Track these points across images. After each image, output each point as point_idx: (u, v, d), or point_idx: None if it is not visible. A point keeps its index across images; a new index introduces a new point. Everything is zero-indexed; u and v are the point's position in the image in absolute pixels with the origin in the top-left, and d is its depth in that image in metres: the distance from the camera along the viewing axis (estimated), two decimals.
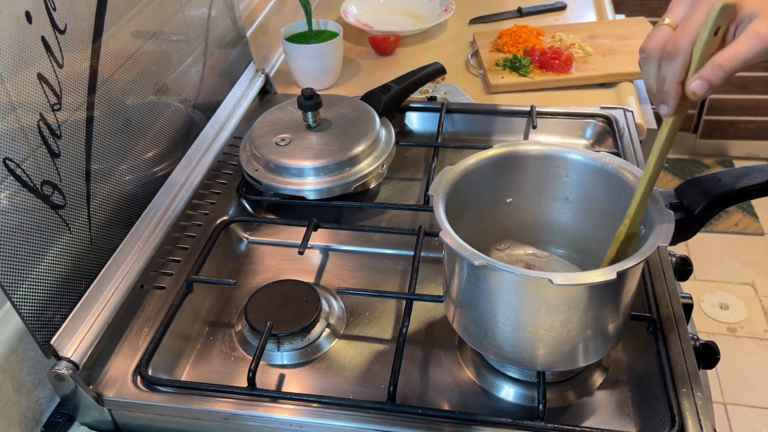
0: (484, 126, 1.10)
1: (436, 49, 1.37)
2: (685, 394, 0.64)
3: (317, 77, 1.21)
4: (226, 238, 0.88)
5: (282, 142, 0.92)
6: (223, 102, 1.05)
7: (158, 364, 0.71)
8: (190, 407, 0.66)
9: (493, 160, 0.72)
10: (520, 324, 0.62)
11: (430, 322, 0.77)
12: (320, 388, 0.71)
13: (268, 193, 0.93)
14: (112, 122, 0.77)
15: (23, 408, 0.66)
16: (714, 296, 2.09)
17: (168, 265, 0.81)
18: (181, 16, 0.93)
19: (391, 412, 0.64)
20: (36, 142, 0.64)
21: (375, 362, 0.73)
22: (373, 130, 0.94)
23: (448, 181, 0.68)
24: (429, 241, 0.84)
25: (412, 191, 0.98)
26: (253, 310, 0.76)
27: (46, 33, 0.65)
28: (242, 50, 1.13)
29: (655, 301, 0.73)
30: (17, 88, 0.61)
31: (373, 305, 0.80)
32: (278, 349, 0.73)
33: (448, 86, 1.19)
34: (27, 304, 0.62)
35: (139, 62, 0.83)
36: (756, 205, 2.43)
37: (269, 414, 0.65)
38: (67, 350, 0.66)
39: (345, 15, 1.42)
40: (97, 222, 0.73)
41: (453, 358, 0.73)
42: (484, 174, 0.71)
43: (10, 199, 0.61)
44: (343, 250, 0.89)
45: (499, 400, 0.69)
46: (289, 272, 0.85)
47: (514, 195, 0.75)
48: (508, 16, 1.48)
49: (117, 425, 0.69)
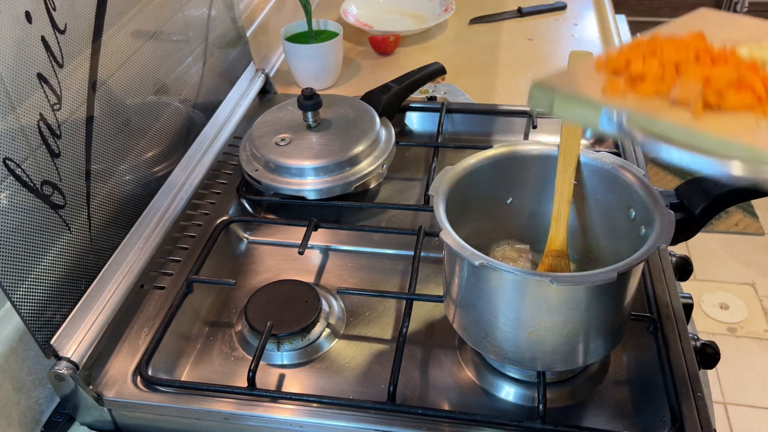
0: (484, 126, 1.10)
1: (436, 49, 1.37)
2: (685, 394, 0.64)
3: (317, 77, 1.21)
4: (226, 238, 0.88)
5: (282, 142, 0.92)
6: (223, 102, 1.05)
7: (158, 364, 0.71)
8: (190, 407, 0.66)
9: (493, 160, 0.72)
10: (521, 324, 0.62)
11: (430, 322, 0.77)
12: (320, 388, 0.71)
13: (268, 193, 0.93)
14: (112, 122, 0.77)
15: (23, 408, 0.66)
16: (714, 296, 2.09)
17: (168, 265, 0.81)
18: (181, 16, 0.93)
19: (391, 412, 0.64)
20: (36, 142, 0.64)
21: (375, 362, 0.73)
22: (373, 130, 0.94)
23: (448, 181, 0.68)
24: (429, 241, 0.84)
25: (412, 191, 0.98)
26: (253, 310, 0.76)
27: (46, 33, 0.65)
28: (242, 50, 1.13)
29: (655, 301, 0.73)
30: (17, 88, 0.61)
31: (373, 305, 0.80)
32: (278, 349, 0.73)
33: (448, 86, 1.19)
34: (27, 304, 0.62)
35: (139, 62, 0.83)
36: (756, 205, 2.43)
37: (269, 414, 0.65)
38: (67, 350, 0.66)
39: (345, 15, 1.42)
40: (97, 222, 0.73)
41: (453, 358, 0.73)
42: (484, 174, 0.71)
43: (10, 199, 0.61)
44: (343, 250, 0.89)
45: (499, 400, 0.69)
46: (289, 272, 0.85)
47: (514, 195, 0.75)
48: (508, 16, 1.48)
49: (117, 425, 0.69)
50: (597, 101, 0.50)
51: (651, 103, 0.49)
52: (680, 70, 0.50)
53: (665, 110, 0.48)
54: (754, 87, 0.49)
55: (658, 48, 0.52)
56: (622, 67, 0.53)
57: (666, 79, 0.50)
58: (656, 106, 0.48)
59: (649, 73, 0.51)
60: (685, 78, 0.49)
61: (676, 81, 0.49)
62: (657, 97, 0.49)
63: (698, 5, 2.68)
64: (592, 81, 0.52)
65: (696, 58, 0.51)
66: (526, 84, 1.21)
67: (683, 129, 0.46)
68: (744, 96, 0.48)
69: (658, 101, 0.49)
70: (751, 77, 0.49)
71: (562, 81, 0.54)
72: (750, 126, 0.46)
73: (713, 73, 0.49)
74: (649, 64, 0.51)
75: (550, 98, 0.52)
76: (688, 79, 0.49)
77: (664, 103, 0.49)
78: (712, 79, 0.49)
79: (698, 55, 0.51)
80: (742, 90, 0.49)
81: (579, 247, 0.75)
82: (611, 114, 0.48)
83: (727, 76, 0.49)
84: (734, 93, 0.48)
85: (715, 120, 0.47)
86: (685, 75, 0.49)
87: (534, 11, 1.49)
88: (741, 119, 0.47)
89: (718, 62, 0.51)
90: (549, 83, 0.52)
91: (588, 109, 0.50)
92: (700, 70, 0.49)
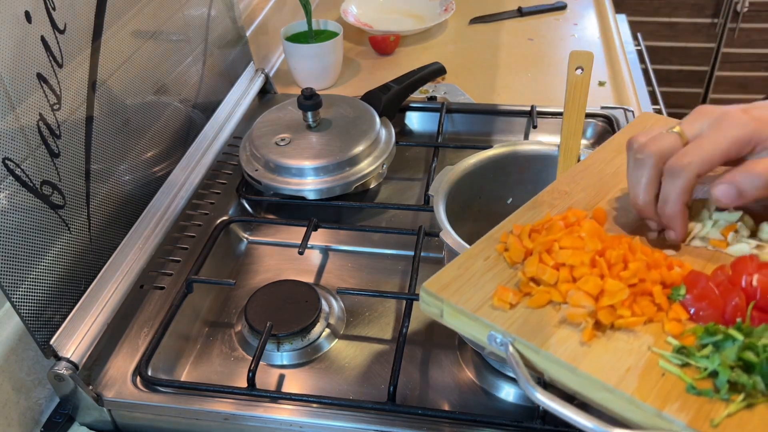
0: (484, 126, 1.10)
1: (436, 49, 1.37)
2: None
3: (317, 77, 1.21)
4: (226, 238, 0.88)
5: (282, 142, 0.92)
6: (223, 102, 1.05)
7: (158, 365, 0.70)
8: (190, 407, 0.66)
9: (493, 160, 0.72)
10: None
11: (430, 322, 0.77)
12: (320, 388, 0.71)
13: (268, 193, 0.92)
14: (112, 122, 0.77)
15: (23, 408, 0.66)
16: None
17: (168, 265, 0.81)
18: (181, 15, 0.93)
19: (391, 413, 0.64)
20: (35, 142, 0.64)
21: (375, 362, 0.73)
22: (373, 130, 0.94)
23: (448, 181, 0.68)
24: (429, 241, 0.83)
25: (412, 191, 0.98)
26: (253, 310, 0.76)
27: (46, 33, 0.65)
28: (242, 50, 1.13)
29: None
30: (17, 88, 0.61)
31: (373, 305, 0.79)
32: (278, 350, 0.73)
33: (448, 86, 1.19)
34: (27, 304, 0.62)
35: (138, 62, 0.82)
36: None
37: (269, 414, 0.65)
38: (66, 350, 0.66)
39: (345, 15, 1.42)
40: (96, 222, 0.73)
41: (453, 358, 0.73)
42: (484, 174, 0.71)
43: (9, 199, 0.61)
44: (343, 250, 0.89)
45: (499, 400, 0.69)
46: (289, 272, 0.85)
47: (514, 195, 0.75)
48: (508, 16, 1.48)
49: (117, 425, 0.69)
50: (483, 320, 0.47)
51: (539, 319, 0.46)
52: (575, 274, 0.48)
53: (552, 331, 0.45)
54: (653, 295, 0.47)
55: (555, 241, 0.50)
56: (520, 260, 0.51)
57: (559, 286, 0.48)
58: (543, 324, 0.46)
59: (541, 279, 0.48)
60: (576, 292, 0.46)
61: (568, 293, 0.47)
62: (550, 307, 0.47)
63: (698, 5, 2.68)
64: (486, 284, 0.49)
65: (591, 263, 0.48)
66: (526, 84, 1.21)
67: (566, 365, 0.43)
68: (641, 306, 0.46)
69: (550, 314, 0.47)
70: (649, 283, 0.47)
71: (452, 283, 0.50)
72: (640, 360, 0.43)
73: (606, 287, 0.46)
74: (542, 268, 0.48)
75: (440, 307, 0.49)
76: (578, 293, 0.46)
77: (553, 319, 0.46)
78: (605, 294, 0.46)
79: (593, 260, 0.48)
80: (638, 300, 0.47)
81: None
82: (496, 336, 0.46)
83: (620, 293, 0.46)
84: (628, 310, 0.46)
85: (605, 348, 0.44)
86: (578, 285, 0.47)
87: (534, 11, 1.49)
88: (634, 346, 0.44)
89: (615, 268, 0.48)
90: (437, 289, 0.49)
91: (475, 325, 0.47)
92: (593, 282, 0.46)
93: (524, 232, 0.53)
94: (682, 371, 0.43)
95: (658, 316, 0.47)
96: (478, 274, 0.50)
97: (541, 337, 0.45)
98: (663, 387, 0.42)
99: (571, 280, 0.48)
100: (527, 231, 0.53)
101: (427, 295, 0.49)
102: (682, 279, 0.48)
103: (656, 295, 0.47)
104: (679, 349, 0.44)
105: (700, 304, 0.46)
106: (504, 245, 0.53)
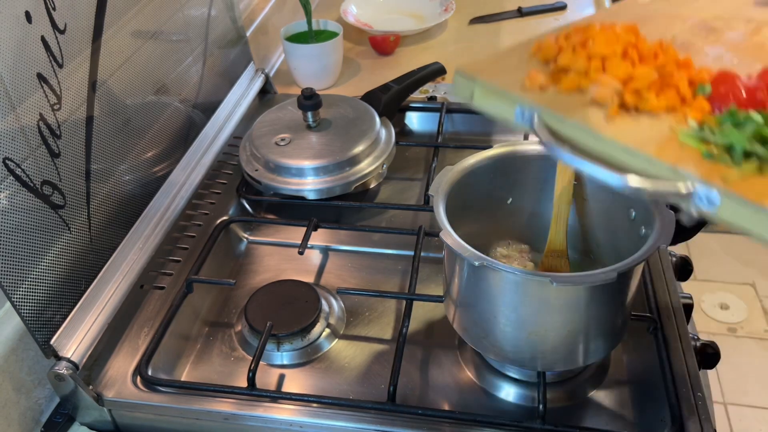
0: (484, 126, 1.10)
1: (436, 49, 1.37)
2: (685, 394, 0.64)
3: (317, 77, 1.21)
4: (226, 238, 0.88)
5: (282, 142, 0.92)
6: (223, 102, 1.05)
7: (158, 364, 0.71)
8: (190, 407, 0.66)
9: (493, 160, 0.72)
10: (521, 324, 0.61)
11: (430, 322, 0.77)
12: (320, 388, 0.71)
13: (268, 193, 0.92)
14: (112, 122, 0.77)
15: (23, 408, 0.66)
16: (714, 296, 2.09)
17: (168, 265, 0.81)
18: (181, 15, 0.93)
19: (391, 412, 0.64)
20: (36, 142, 0.64)
21: (375, 362, 0.73)
22: (373, 130, 0.94)
23: (448, 181, 0.68)
24: (429, 241, 0.84)
25: (412, 191, 0.98)
26: (253, 310, 0.76)
27: (46, 33, 0.65)
28: (242, 50, 1.13)
29: (655, 301, 0.73)
30: (17, 88, 0.61)
31: (373, 305, 0.79)
32: (278, 349, 0.73)
33: (448, 86, 1.19)
34: (27, 304, 0.62)
35: (138, 62, 0.83)
36: None
37: (269, 414, 0.65)
38: (66, 350, 0.66)
39: (345, 15, 1.42)
40: (96, 222, 0.73)
41: (453, 358, 0.73)
42: (484, 174, 0.71)
43: (10, 199, 0.61)
44: (343, 250, 0.89)
45: (499, 400, 0.69)
46: (289, 272, 0.85)
47: (514, 195, 0.75)
48: (508, 16, 1.48)
49: (117, 425, 0.69)
50: (513, 94, 0.48)
51: (567, 100, 0.47)
52: (606, 65, 0.49)
53: (579, 109, 0.46)
54: (678, 87, 0.47)
55: (590, 38, 0.51)
56: (552, 57, 0.51)
57: (590, 74, 0.48)
58: (571, 104, 0.47)
59: (573, 67, 0.49)
60: (605, 76, 0.47)
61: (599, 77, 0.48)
62: (578, 93, 0.48)
63: None
64: (517, 71, 0.50)
65: (623, 53, 0.49)
66: None
67: (590, 132, 0.44)
68: (666, 97, 0.47)
69: (578, 97, 0.48)
70: (676, 76, 0.48)
71: (486, 69, 0.51)
72: (661, 134, 0.44)
73: (635, 72, 0.47)
74: (575, 58, 0.49)
75: (471, 87, 0.50)
76: (607, 77, 0.47)
77: (581, 101, 0.47)
78: (633, 79, 0.47)
79: (626, 51, 0.49)
80: (664, 90, 0.47)
81: (579, 247, 0.75)
82: (524, 110, 0.47)
83: (648, 76, 0.47)
84: (654, 94, 0.46)
85: (628, 124, 0.45)
86: (608, 72, 0.48)
87: (534, 11, 1.49)
88: (656, 125, 0.45)
89: (646, 59, 0.49)
90: (471, 71, 0.50)
91: (504, 101, 0.49)
92: (624, 68, 0.48)
93: (560, 34, 0.53)
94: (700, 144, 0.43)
95: (682, 108, 0.47)
96: (511, 65, 0.51)
97: (568, 111, 0.46)
98: (681, 154, 0.43)
99: (602, 70, 0.49)
100: (563, 33, 0.53)
101: (460, 77, 0.50)
102: (710, 79, 0.49)
103: (681, 87, 0.47)
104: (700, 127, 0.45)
105: (725, 100, 0.46)
106: (538, 45, 0.53)
